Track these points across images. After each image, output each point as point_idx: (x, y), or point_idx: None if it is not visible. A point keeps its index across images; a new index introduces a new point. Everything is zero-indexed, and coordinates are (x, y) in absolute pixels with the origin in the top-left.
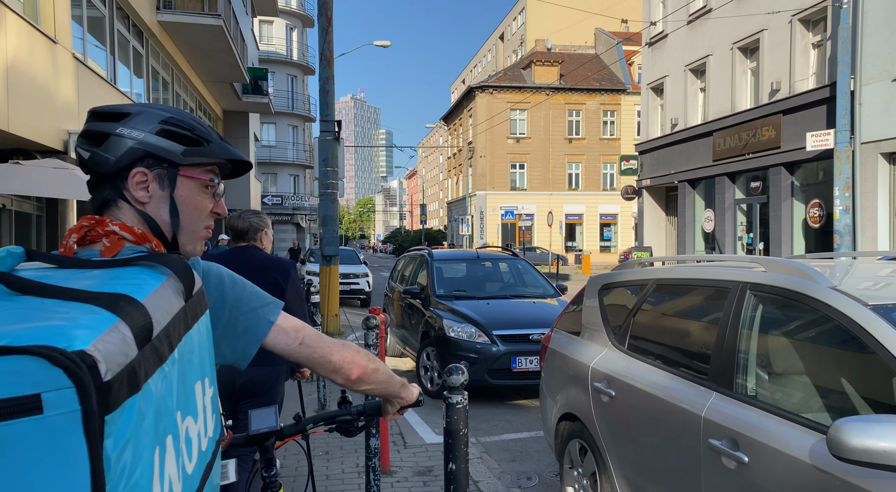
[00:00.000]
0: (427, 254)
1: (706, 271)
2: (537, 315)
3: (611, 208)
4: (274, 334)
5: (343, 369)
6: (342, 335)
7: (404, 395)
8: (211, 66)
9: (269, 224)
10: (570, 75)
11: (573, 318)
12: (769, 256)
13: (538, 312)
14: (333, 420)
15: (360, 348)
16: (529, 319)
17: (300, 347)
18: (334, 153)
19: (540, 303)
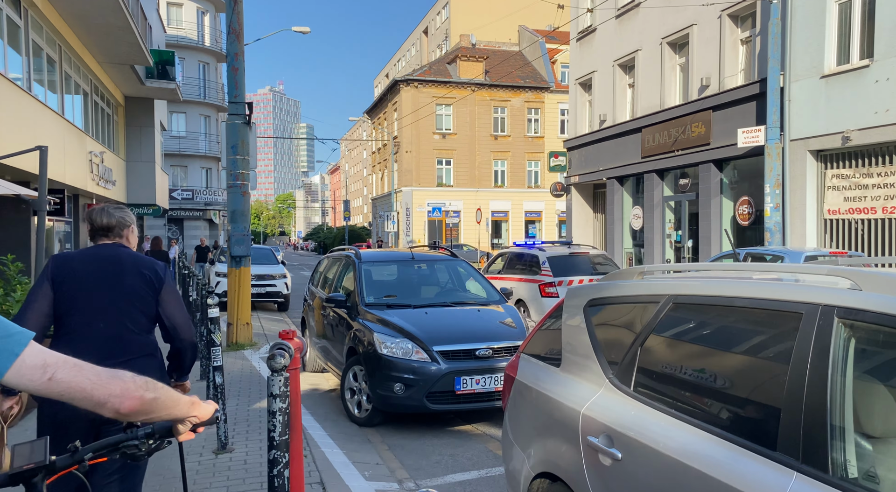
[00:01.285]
0: (354, 255)
1: (758, 287)
2: (483, 326)
3: (536, 205)
4: (16, 370)
5: (110, 404)
6: (254, 347)
7: (196, 413)
8: (107, 46)
9: (135, 220)
10: (494, 72)
11: (548, 340)
12: (863, 268)
13: (484, 323)
14: (117, 447)
15: (137, 377)
16: (474, 330)
17: (50, 383)
18: (245, 139)
19: (485, 311)
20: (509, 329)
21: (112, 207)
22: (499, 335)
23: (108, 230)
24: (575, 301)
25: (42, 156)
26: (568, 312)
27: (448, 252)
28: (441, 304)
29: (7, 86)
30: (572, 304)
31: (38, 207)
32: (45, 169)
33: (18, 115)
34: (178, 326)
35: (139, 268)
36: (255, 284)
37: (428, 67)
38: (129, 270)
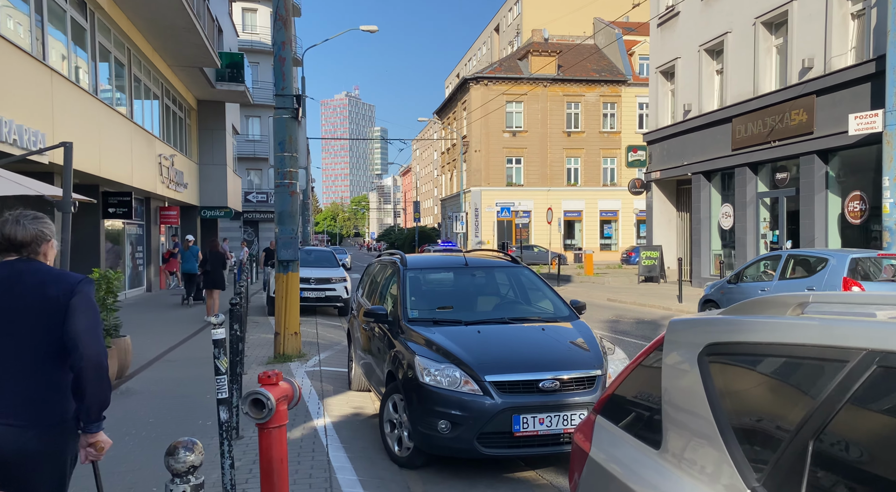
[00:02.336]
0: (399, 260)
1: None
2: (549, 349)
3: (611, 204)
4: None
5: None
6: (303, 359)
7: None
8: (175, 48)
9: (55, 233)
10: (568, 66)
11: (639, 399)
12: None
13: (550, 345)
14: None
15: None
16: (539, 355)
17: None
18: (293, 135)
19: (552, 329)
20: (582, 354)
21: (27, 217)
22: (568, 362)
23: (22, 246)
24: (683, 343)
25: (67, 152)
26: (672, 360)
27: (509, 257)
28: (498, 320)
29: (71, 89)
30: (678, 348)
31: (63, 207)
32: (69, 166)
33: (83, 117)
34: (78, 337)
35: (44, 286)
36: (315, 288)
37: (498, 64)
38: (31, 291)
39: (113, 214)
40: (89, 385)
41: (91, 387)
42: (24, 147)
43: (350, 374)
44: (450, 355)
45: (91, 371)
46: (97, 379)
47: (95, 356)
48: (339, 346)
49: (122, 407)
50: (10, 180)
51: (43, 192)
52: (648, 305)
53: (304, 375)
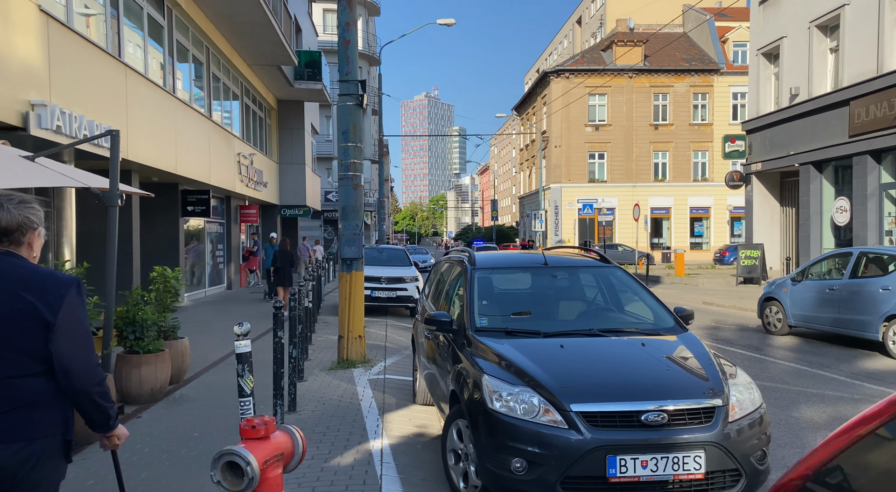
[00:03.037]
0: (467, 259)
1: None
2: (653, 371)
3: (702, 201)
4: None
5: None
6: (367, 365)
7: None
8: (253, 46)
9: (43, 220)
10: (655, 56)
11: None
12: None
13: (654, 365)
14: None
15: None
16: (639, 379)
17: None
18: (357, 124)
19: (654, 344)
20: (695, 377)
21: (13, 202)
22: (678, 388)
23: (3, 235)
24: None
25: (113, 141)
26: None
27: (596, 255)
28: (585, 332)
29: (146, 86)
30: None
31: (109, 201)
32: (116, 156)
33: (159, 114)
34: (69, 370)
35: (21, 289)
36: (386, 288)
37: (580, 56)
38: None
39: (192, 212)
40: (84, 409)
41: (87, 411)
42: (95, 143)
43: (415, 385)
44: (525, 376)
45: (84, 400)
46: (91, 404)
47: (86, 388)
48: (407, 351)
49: (169, 418)
50: (55, 171)
51: (89, 184)
52: (750, 310)
53: (367, 383)
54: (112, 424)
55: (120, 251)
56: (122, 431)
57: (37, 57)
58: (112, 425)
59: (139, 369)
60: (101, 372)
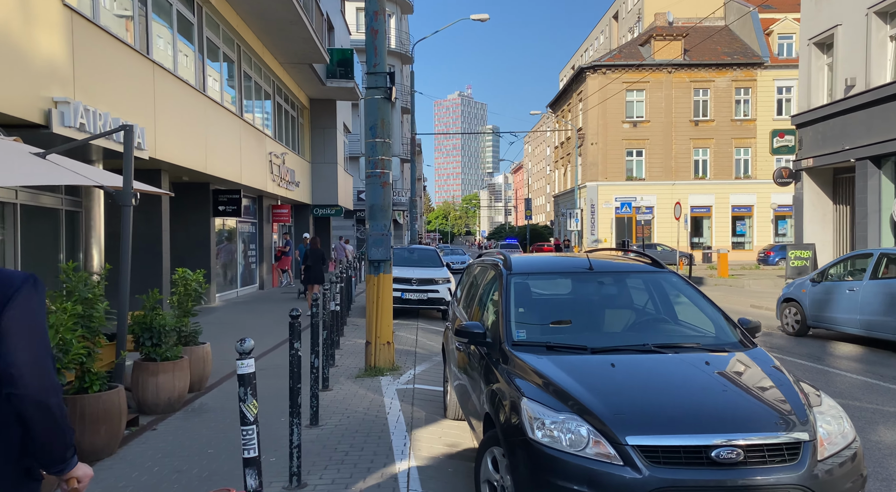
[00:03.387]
0: (502, 263)
1: None
2: (721, 396)
3: (745, 199)
4: None
5: None
6: (395, 373)
7: None
8: (284, 43)
9: None
10: (695, 50)
11: None
12: None
13: (722, 389)
14: None
15: None
16: (706, 406)
17: None
18: (385, 118)
19: (720, 362)
20: (771, 405)
21: None
22: (753, 418)
23: None
24: None
25: (127, 136)
26: None
27: (648, 258)
28: (639, 347)
29: (174, 83)
30: None
31: (123, 200)
32: (130, 152)
33: (188, 113)
34: (15, 374)
35: None
36: (417, 290)
37: (617, 51)
38: None
39: (223, 211)
40: (36, 429)
41: (40, 432)
42: (121, 141)
43: (445, 398)
44: (571, 400)
45: (36, 414)
46: (46, 422)
47: (36, 394)
48: (438, 357)
49: (184, 432)
50: (66, 169)
51: (102, 182)
52: None
53: (395, 394)
54: (69, 456)
55: (149, 252)
56: (84, 470)
57: (60, 53)
58: (69, 459)
59: (156, 378)
60: (58, 383)
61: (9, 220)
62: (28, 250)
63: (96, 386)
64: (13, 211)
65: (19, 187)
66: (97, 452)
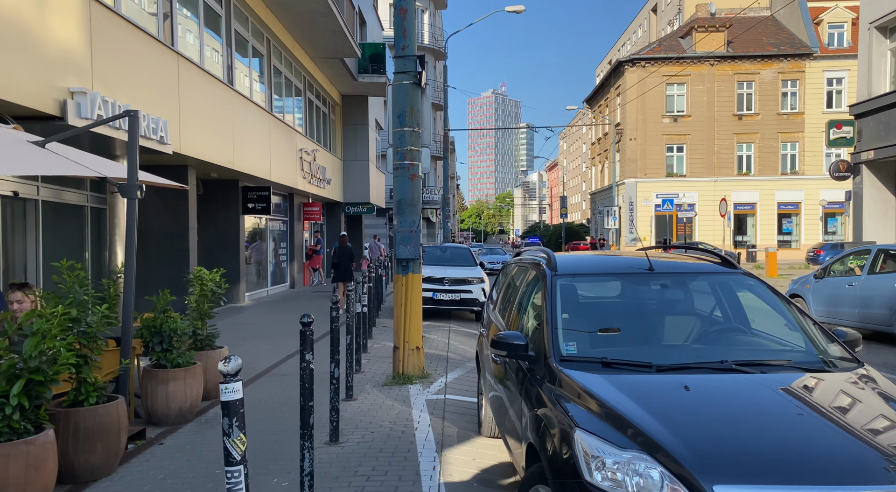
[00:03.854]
0: (545, 262)
1: None
2: (836, 431)
3: (791, 195)
4: None
5: None
6: (425, 381)
7: None
8: (314, 36)
9: None
10: (739, 41)
11: None
12: None
13: (835, 421)
14: None
15: None
16: (819, 444)
17: None
18: (414, 106)
19: (823, 384)
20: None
21: None
22: (877, 467)
23: None
24: None
25: (131, 123)
26: None
27: (717, 257)
28: (716, 365)
29: (200, 76)
30: None
31: (127, 193)
32: (134, 142)
33: (214, 106)
34: None
35: None
36: (448, 290)
37: (657, 44)
38: None
39: (252, 209)
40: None
41: None
42: (143, 134)
43: (480, 412)
44: (637, 433)
45: None
46: None
47: None
48: (472, 362)
49: (193, 447)
50: (66, 158)
51: (104, 173)
52: None
53: (424, 405)
54: None
55: (175, 250)
56: None
57: (77, 41)
58: None
59: (166, 386)
60: None
61: (30, 217)
62: (52, 248)
63: (93, 398)
64: (34, 207)
65: (33, 179)
66: (93, 471)
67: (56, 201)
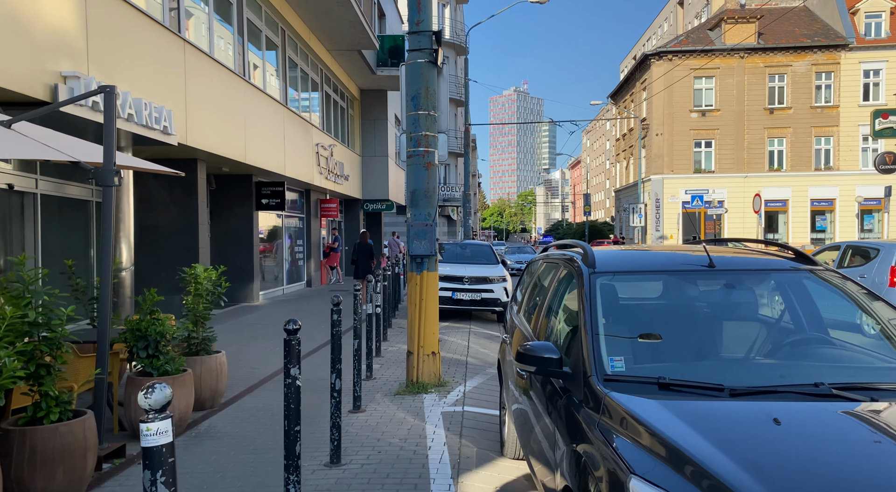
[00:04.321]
0: (581, 258)
1: None
2: None
3: (826, 192)
4: None
5: None
6: (442, 389)
7: None
8: (331, 26)
9: None
10: (770, 33)
11: None
12: None
13: None
14: None
15: None
16: None
17: None
18: (429, 86)
19: None
20: None
21: None
22: None
23: None
24: None
25: (107, 99)
26: None
27: (790, 252)
28: (807, 389)
29: (209, 65)
30: None
31: (103, 179)
32: (111, 122)
33: (224, 96)
34: None
35: None
36: (468, 289)
37: (685, 36)
38: None
39: (266, 205)
40: None
41: None
42: (144, 123)
43: (502, 430)
44: (715, 485)
45: None
46: None
47: None
48: (493, 369)
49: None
50: (34, 140)
51: (78, 157)
52: None
53: (440, 419)
54: None
55: (184, 247)
56: None
57: (71, 22)
58: None
59: None
60: None
61: (28, 212)
62: (53, 246)
63: (55, 414)
64: (32, 201)
65: (31, 171)
66: None
67: (57, 196)
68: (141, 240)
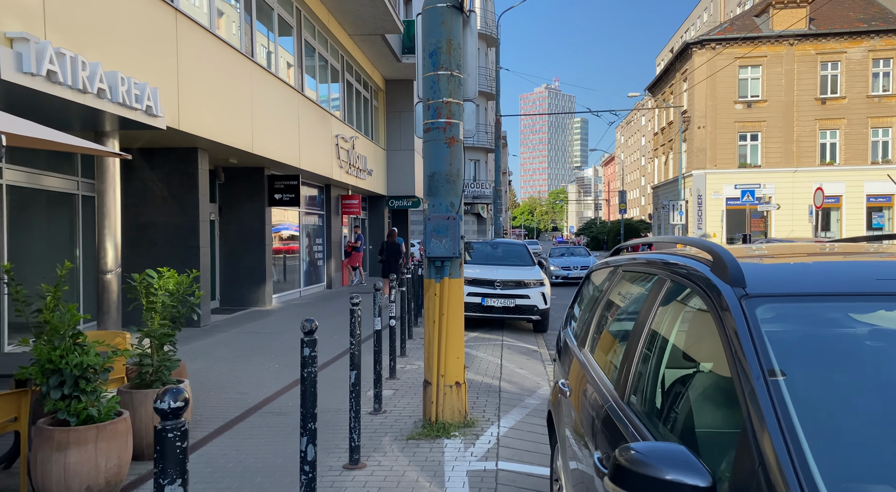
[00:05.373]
0: (710, 268)
1: None
2: None
3: (883, 187)
4: None
5: None
6: (467, 432)
7: None
8: (352, 8)
9: None
10: (822, 17)
11: None
12: None
13: None
14: None
15: None
16: None
17: None
18: (452, 38)
19: None
20: None
21: None
22: None
23: None
24: None
25: None
26: None
27: None
28: None
29: (208, 39)
30: None
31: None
32: None
33: (226, 76)
34: None
35: None
36: (501, 295)
37: (729, 23)
38: None
39: (279, 200)
40: None
41: None
42: (120, 101)
43: None
44: None
45: None
46: None
47: None
48: (532, 399)
49: None
50: None
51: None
52: None
53: (465, 483)
54: None
55: (183, 247)
56: None
57: None
58: None
59: (64, 454)
60: None
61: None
62: (27, 244)
63: None
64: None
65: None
66: None
67: (31, 187)
68: (134, 239)
